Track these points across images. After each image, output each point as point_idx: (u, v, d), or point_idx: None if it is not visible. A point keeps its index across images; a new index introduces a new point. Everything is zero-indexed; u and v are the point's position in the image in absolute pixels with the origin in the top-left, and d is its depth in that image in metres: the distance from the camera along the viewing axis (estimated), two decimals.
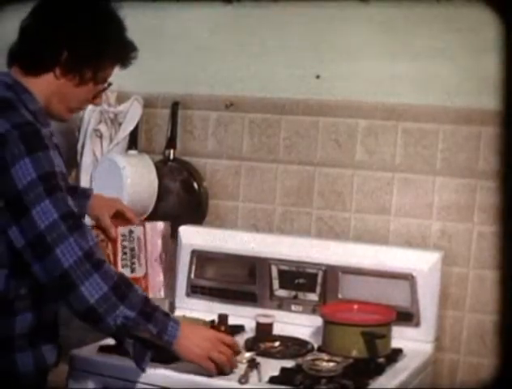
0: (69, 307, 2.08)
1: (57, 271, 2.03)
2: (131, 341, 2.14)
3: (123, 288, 2.09)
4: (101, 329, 2.13)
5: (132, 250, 2.43)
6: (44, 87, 2.15)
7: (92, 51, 2.15)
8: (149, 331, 2.12)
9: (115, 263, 2.42)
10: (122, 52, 2.22)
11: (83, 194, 2.50)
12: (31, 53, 2.15)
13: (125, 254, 2.42)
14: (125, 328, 2.10)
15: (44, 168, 2.04)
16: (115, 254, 2.42)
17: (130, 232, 2.45)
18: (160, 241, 2.45)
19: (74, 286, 2.03)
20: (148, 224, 2.46)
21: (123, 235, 2.45)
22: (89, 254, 2.05)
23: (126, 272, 2.39)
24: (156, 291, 2.40)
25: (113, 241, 2.44)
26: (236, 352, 2.36)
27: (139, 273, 2.41)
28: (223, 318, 2.47)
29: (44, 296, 2.15)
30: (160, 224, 2.48)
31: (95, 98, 2.25)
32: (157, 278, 2.41)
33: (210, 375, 2.29)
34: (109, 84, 2.26)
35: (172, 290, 3.13)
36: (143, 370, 2.21)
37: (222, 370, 2.29)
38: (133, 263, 2.41)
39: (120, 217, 2.49)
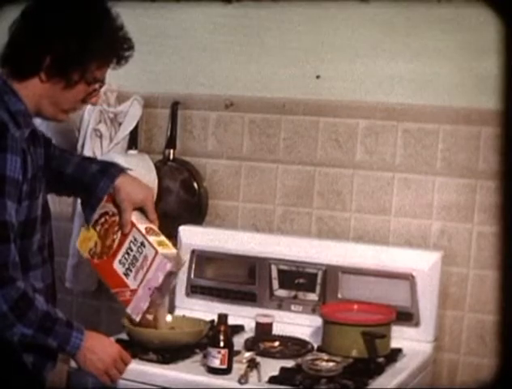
0: None
1: None
2: (31, 355, 2.15)
3: (22, 308, 2.06)
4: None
5: (135, 259, 2.34)
6: (31, 90, 2.12)
7: (75, 54, 2.09)
8: (49, 344, 2.11)
9: (115, 252, 2.36)
10: (110, 52, 2.16)
11: (109, 174, 2.36)
12: (15, 59, 2.13)
13: (127, 254, 2.36)
14: (24, 343, 2.09)
15: None
16: (119, 246, 2.36)
17: (142, 244, 2.34)
18: (161, 277, 2.30)
19: None
20: (160, 255, 2.30)
21: (135, 239, 2.35)
22: None
23: (120, 269, 2.35)
24: (134, 312, 2.33)
25: (123, 235, 2.36)
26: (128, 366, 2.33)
27: (130, 284, 2.33)
28: (223, 317, 2.47)
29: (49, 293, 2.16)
30: (169, 265, 2.30)
31: (90, 98, 2.20)
32: (141, 303, 2.32)
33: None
34: (102, 85, 2.20)
35: (172, 290, 3.13)
36: (45, 381, 2.22)
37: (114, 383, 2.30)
38: (129, 269, 2.35)
39: (143, 212, 2.40)
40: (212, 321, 2.69)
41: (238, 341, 2.65)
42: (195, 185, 3.22)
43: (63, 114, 2.21)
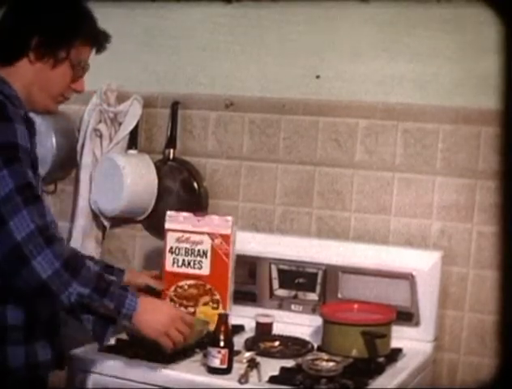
0: (23, 284, 2.04)
1: (10, 244, 2.01)
2: (91, 317, 2.12)
3: (75, 265, 2.07)
4: (56, 305, 2.12)
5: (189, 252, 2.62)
6: (21, 76, 2.18)
7: (62, 31, 2.18)
8: (105, 306, 2.10)
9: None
10: (92, 31, 2.24)
11: (119, 271, 2.60)
12: (3, 44, 2.19)
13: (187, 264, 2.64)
14: (81, 305, 2.08)
15: (3, 136, 2.04)
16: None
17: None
18: None
19: (27, 260, 2.01)
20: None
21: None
22: (42, 229, 2.03)
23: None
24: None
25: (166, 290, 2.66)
26: (191, 329, 2.35)
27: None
28: (223, 317, 2.47)
29: None
30: None
31: (75, 82, 2.25)
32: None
33: (165, 350, 2.31)
34: (85, 67, 2.26)
35: None
36: (103, 346, 2.20)
37: (176, 346, 2.30)
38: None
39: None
40: None
41: (238, 341, 2.65)
42: (195, 185, 3.21)
43: (53, 102, 2.26)
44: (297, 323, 2.87)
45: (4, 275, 2.07)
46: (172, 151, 3.23)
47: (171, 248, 2.64)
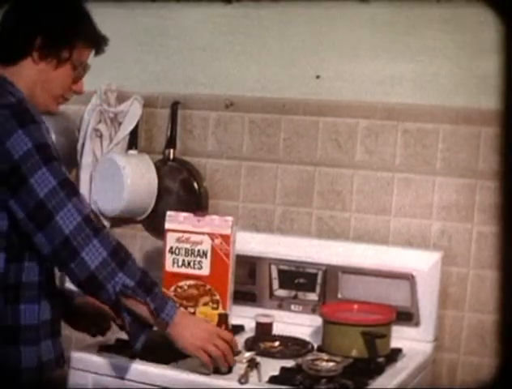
0: (72, 277, 2.09)
1: (59, 239, 2.05)
2: (128, 318, 2.14)
3: (122, 255, 2.11)
4: (102, 298, 2.14)
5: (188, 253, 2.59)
6: (24, 76, 2.19)
7: (65, 32, 2.21)
8: (147, 304, 2.12)
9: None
10: (93, 33, 2.28)
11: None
12: (5, 44, 2.21)
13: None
14: (124, 296, 2.10)
15: (38, 138, 2.08)
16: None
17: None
18: None
19: (75, 252, 2.05)
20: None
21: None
22: (88, 219, 2.08)
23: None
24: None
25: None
26: (235, 351, 2.35)
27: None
28: (223, 317, 2.47)
29: (50, 289, 2.16)
30: None
31: (75, 83, 2.28)
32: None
33: (205, 372, 2.30)
34: (86, 68, 2.29)
35: None
36: (137, 349, 2.20)
37: (217, 366, 2.29)
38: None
39: None
40: None
41: (238, 341, 2.64)
42: (195, 185, 3.22)
43: (54, 103, 2.28)
44: (297, 323, 2.87)
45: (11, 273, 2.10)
46: (172, 151, 3.24)
47: (171, 248, 2.64)
